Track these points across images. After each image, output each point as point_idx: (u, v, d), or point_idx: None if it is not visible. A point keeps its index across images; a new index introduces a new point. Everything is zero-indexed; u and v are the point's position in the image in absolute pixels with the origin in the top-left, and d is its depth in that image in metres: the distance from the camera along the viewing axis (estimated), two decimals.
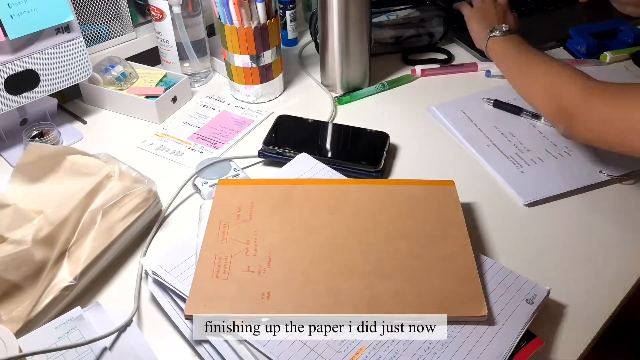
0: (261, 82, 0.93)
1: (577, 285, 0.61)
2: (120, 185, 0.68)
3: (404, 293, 0.57)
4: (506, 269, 0.61)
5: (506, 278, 0.59)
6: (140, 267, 0.65)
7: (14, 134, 0.86)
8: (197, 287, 0.57)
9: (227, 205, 0.67)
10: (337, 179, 0.73)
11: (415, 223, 0.65)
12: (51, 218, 0.62)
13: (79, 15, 0.93)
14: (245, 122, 0.91)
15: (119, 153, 0.78)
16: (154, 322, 0.61)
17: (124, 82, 0.93)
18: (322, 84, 0.99)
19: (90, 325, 0.57)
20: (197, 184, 0.76)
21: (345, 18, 0.89)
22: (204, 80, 1.01)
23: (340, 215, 0.66)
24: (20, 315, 0.57)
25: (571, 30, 1.05)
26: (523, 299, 0.57)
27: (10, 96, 0.80)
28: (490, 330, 0.54)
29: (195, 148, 0.86)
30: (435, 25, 1.08)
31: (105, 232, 0.65)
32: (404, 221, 0.65)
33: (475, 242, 0.65)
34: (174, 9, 0.91)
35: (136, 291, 0.63)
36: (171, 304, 0.59)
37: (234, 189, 0.69)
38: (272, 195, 0.68)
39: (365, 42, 0.93)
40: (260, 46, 0.89)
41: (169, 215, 0.74)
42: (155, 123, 0.91)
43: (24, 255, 0.59)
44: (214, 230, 0.63)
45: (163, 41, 0.96)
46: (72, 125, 0.91)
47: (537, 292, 0.58)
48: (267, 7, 0.86)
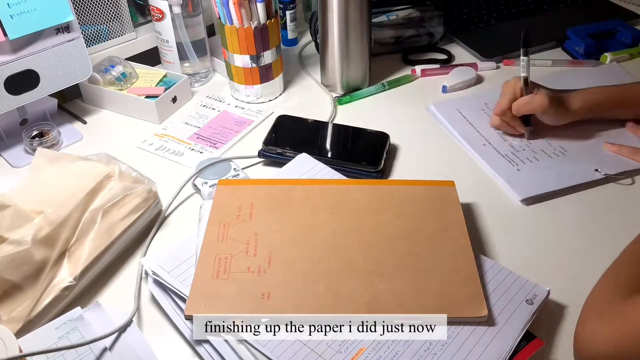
0: (261, 82, 0.93)
1: (576, 285, 0.61)
2: (120, 185, 0.68)
3: (404, 293, 0.57)
4: (506, 270, 0.61)
5: (506, 279, 0.59)
6: (140, 267, 0.65)
7: (14, 134, 0.86)
8: (197, 287, 0.57)
9: (227, 205, 0.67)
10: (337, 179, 0.73)
11: (415, 223, 0.65)
12: (51, 218, 0.62)
13: (79, 15, 0.93)
14: (245, 122, 0.91)
15: (119, 153, 0.78)
16: (154, 322, 0.61)
17: (124, 82, 0.93)
18: (322, 84, 0.99)
19: (90, 325, 0.57)
20: (197, 184, 0.76)
21: (345, 18, 0.89)
22: (204, 80, 1.01)
23: (340, 215, 0.66)
24: (20, 315, 0.57)
25: (569, 31, 1.05)
26: (523, 299, 0.57)
27: (10, 96, 0.80)
28: (491, 330, 0.54)
29: (195, 148, 0.86)
30: (435, 25, 1.08)
31: (105, 232, 0.65)
32: (404, 221, 0.65)
33: (475, 242, 0.65)
34: (174, 9, 0.91)
35: (136, 291, 0.63)
36: (171, 304, 0.59)
37: (233, 189, 0.69)
38: (272, 195, 0.68)
39: (366, 42, 0.93)
40: (260, 46, 0.89)
41: (169, 215, 0.74)
42: (155, 123, 0.91)
43: (24, 255, 0.59)
44: (213, 230, 0.63)
45: (163, 41, 0.96)
46: (72, 125, 0.91)
47: (537, 292, 0.58)
48: (267, 7, 0.86)
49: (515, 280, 0.59)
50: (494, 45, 1.06)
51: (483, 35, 1.10)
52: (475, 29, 1.12)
